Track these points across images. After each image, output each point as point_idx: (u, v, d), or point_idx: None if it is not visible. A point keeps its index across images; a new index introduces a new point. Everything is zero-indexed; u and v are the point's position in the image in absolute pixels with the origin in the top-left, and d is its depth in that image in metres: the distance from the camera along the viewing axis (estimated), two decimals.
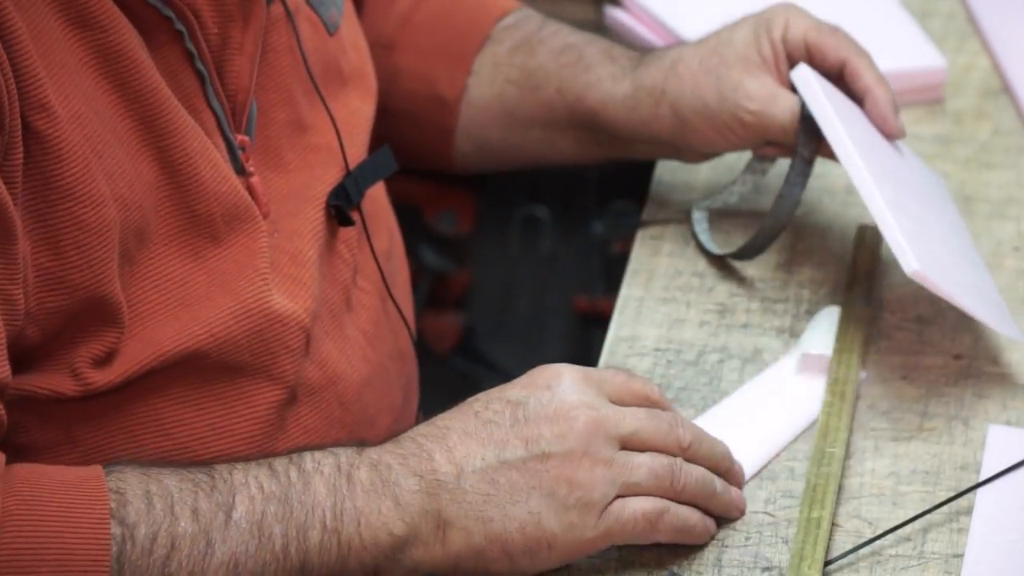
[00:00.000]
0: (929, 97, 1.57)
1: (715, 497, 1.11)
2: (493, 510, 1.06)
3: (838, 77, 1.34)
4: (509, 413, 1.09)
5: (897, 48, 1.60)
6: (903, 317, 1.31)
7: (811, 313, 1.31)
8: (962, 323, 1.29)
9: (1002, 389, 1.24)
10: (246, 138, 1.18)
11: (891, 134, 1.33)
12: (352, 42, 1.33)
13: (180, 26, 1.13)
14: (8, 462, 1.02)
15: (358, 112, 1.30)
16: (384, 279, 1.30)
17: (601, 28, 2.12)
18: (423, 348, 2.42)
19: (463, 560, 1.07)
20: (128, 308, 1.10)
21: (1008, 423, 1.21)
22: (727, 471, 1.13)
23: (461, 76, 1.42)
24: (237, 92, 1.18)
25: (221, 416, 1.15)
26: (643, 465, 1.08)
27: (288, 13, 1.22)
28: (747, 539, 1.12)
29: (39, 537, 0.99)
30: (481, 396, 1.11)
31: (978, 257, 1.33)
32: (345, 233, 1.26)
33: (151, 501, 1.02)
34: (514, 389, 1.10)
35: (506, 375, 1.15)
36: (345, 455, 1.07)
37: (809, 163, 1.31)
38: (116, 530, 1.00)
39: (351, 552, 1.05)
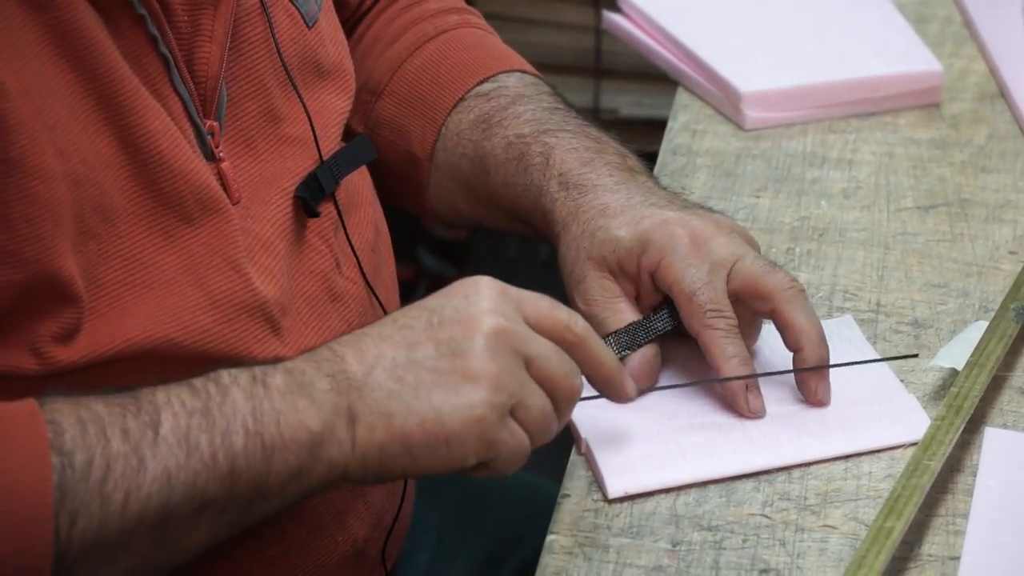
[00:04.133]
0: (926, 101, 1.57)
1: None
2: (396, 405, 1.07)
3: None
4: (425, 319, 1.09)
5: (894, 53, 1.60)
6: (900, 320, 1.31)
7: None
8: (958, 327, 1.29)
9: (998, 392, 1.24)
10: (215, 124, 1.19)
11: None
12: (331, 36, 1.33)
13: (142, 10, 1.13)
14: None
15: (332, 106, 1.30)
16: (362, 270, 1.30)
17: (600, 32, 2.14)
18: None
19: (370, 458, 1.07)
20: (94, 287, 1.10)
21: (1004, 426, 1.21)
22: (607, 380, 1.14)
23: (431, 135, 1.39)
24: (206, 79, 1.18)
25: None
26: (536, 406, 1.08)
27: (263, 4, 1.23)
28: (744, 541, 1.12)
29: None
30: (404, 307, 1.11)
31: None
32: (318, 224, 1.26)
33: (84, 426, 1.02)
34: (433, 299, 1.11)
35: None
36: (259, 367, 1.08)
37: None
38: (56, 460, 1.00)
39: (275, 452, 1.05)
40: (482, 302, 1.09)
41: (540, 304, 1.11)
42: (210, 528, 1.06)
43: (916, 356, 1.24)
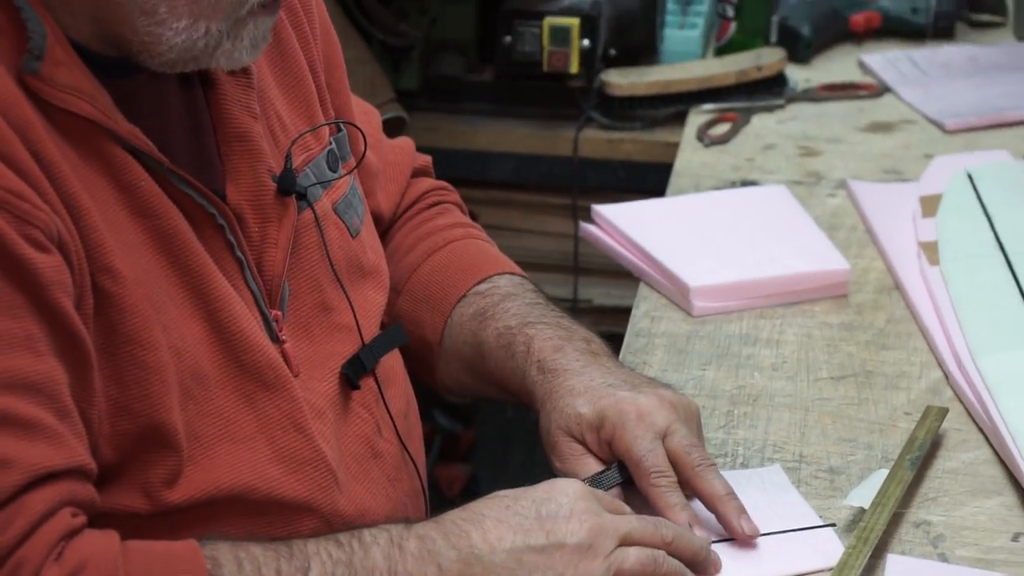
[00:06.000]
0: (836, 293, 1.58)
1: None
2: None
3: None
4: (534, 510, 1.11)
5: (811, 254, 1.61)
6: (818, 468, 1.31)
7: (745, 466, 1.31)
8: (865, 474, 1.29)
9: (898, 526, 1.24)
10: (279, 313, 1.20)
11: None
12: (371, 245, 1.34)
13: (221, 221, 1.16)
14: None
15: (373, 300, 1.31)
16: (398, 433, 1.30)
17: (578, 239, 2.15)
18: (437, 492, 2.43)
19: None
20: (192, 439, 1.11)
21: (903, 553, 1.21)
22: (703, 561, 1.16)
23: (440, 324, 1.39)
24: (272, 277, 1.19)
25: None
26: (631, 555, 1.11)
27: (316, 219, 1.24)
28: None
29: None
30: (509, 493, 1.13)
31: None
32: (362, 396, 1.26)
33: (241, 564, 1.03)
34: (537, 492, 1.13)
35: None
36: (396, 530, 1.09)
37: None
38: None
39: None
40: (579, 502, 1.12)
41: (611, 501, 1.16)
42: None
43: (834, 525, 1.23)
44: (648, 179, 2.03)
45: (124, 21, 1.08)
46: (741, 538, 1.19)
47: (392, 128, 2.07)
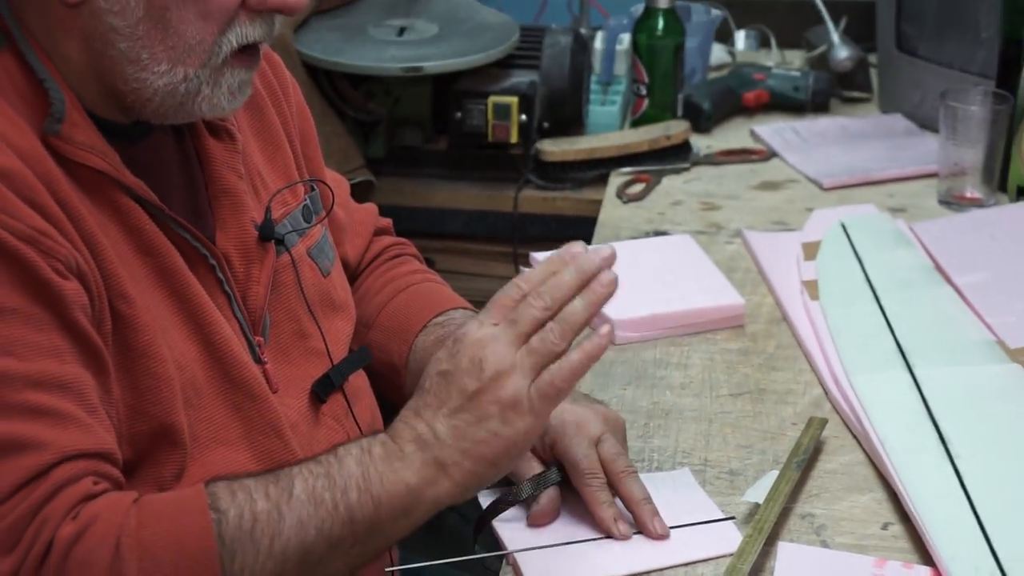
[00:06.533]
0: (734, 324, 1.58)
1: (581, 313, 1.07)
2: (465, 443, 1.05)
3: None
4: (442, 380, 1.07)
5: (712, 291, 1.61)
6: (720, 470, 1.31)
7: (660, 469, 1.30)
8: (759, 474, 1.29)
9: (787, 518, 1.23)
10: (261, 339, 1.20)
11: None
12: (340, 284, 1.34)
13: (213, 261, 1.16)
14: None
15: (341, 328, 1.31)
16: None
17: None
18: None
19: (468, 484, 1.06)
20: (192, 440, 1.10)
21: (792, 541, 1.20)
22: (593, 278, 1.08)
23: (405, 351, 1.37)
24: (255, 309, 1.19)
25: None
26: (526, 350, 1.06)
27: (293, 261, 1.24)
28: None
29: (167, 531, 0.99)
30: (425, 374, 1.08)
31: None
32: (332, 410, 1.25)
33: (235, 494, 1.02)
34: (441, 364, 1.07)
35: (463, 513, 1.15)
36: (364, 441, 1.07)
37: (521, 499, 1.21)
38: (214, 515, 1.00)
39: (382, 502, 1.04)
40: (488, 371, 1.05)
41: (508, 297, 1.07)
42: (343, 558, 1.05)
43: (734, 518, 1.22)
44: (577, 230, 2.03)
45: (117, 72, 1.08)
46: (653, 537, 1.18)
47: (362, 190, 2.06)
